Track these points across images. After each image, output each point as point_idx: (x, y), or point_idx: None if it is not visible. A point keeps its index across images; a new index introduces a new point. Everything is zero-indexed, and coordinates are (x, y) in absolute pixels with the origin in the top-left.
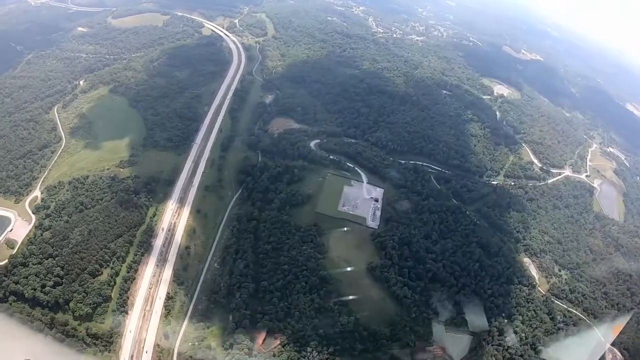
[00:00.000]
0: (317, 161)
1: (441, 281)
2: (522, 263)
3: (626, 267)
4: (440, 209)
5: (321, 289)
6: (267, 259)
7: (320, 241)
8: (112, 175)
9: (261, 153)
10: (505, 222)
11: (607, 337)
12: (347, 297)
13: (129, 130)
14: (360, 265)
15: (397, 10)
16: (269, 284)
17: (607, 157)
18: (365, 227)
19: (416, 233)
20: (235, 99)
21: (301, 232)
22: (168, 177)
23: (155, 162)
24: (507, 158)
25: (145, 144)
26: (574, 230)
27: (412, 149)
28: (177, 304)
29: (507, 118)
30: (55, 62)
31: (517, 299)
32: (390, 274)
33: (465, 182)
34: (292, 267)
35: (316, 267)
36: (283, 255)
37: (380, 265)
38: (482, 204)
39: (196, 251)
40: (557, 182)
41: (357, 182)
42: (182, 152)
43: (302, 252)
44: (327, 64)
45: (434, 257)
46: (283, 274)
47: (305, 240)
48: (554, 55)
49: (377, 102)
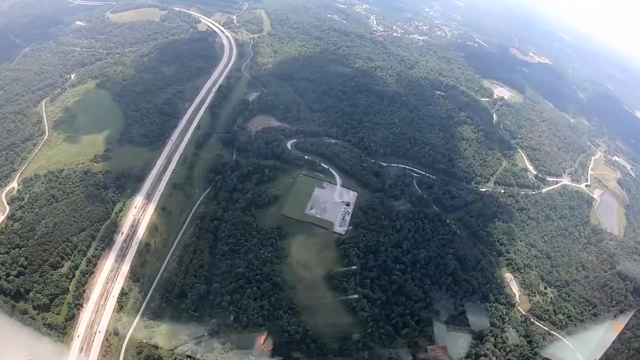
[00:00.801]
0: (291, 161)
1: (407, 295)
2: (503, 279)
3: (621, 287)
4: (417, 215)
5: (273, 295)
6: (223, 260)
7: (280, 245)
8: (85, 170)
9: (236, 151)
10: (489, 232)
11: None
12: (300, 306)
13: (108, 125)
14: (319, 273)
15: (402, 9)
16: (221, 286)
17: (612, 167)
18: (331, 233)
19: (385, 241)
20: (218, 95)
21: (262, 234)
22: (139, 173)
23: (129, 158)
24: (499, 164)
25: (122, 139)
26: (566, 244)
27: (396, 151)
28: (131, 301)
29: (504, 122)
30: (50, 56)
31: (491, 318)
32: (349, 283)
33: (449, 188)
34: (246, 270)
35: (270, 272)
36: (239, 257)
37: (341, 274)
38: (466, 212)
39: (156, 248)
40: (552, 191)
41: (330, 185)
42: (156, 148)
43: (259, 256)
44: (319, 62)
45: (403, 268)
46: (236, 277)
47: (264, 243)
48: (563, 59)
49: (364, 102)
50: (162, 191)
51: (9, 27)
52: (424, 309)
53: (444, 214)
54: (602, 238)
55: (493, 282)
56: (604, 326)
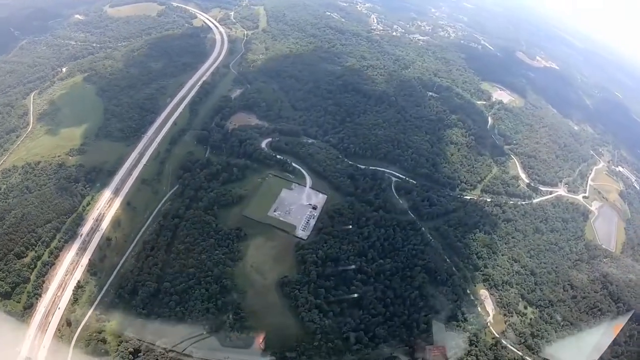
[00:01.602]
0: (261, 160)
1: (365, 308)
2: (477, 295)
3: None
4: (389, 223)
5: (220, 298)
6: (177, 259)
7: (236, 247)
8: (60, 163)
9: (210, 149)
10: (466, 244)
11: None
12: (247, 312)
13: (88, 119)
14: (272, 278)
15: (407, 8)
16: (171, 285)
17: (614, 177)
18: (292, 237)
19: (349, 249)
20: (200, 91)
21: (220, 235)
22: (110, 168)
23: (103, 152)
24: (488, 170)
25: (99, 134)
26: (554, 260)
27: (376, 153)
28: (86, 294)
29: (499, 126)
30: (45, 49)
31: (456, 340)
32: (301, 292)
33: (429, 195)
34: (197, 271)
35: (221, 275)
36: (193, 257)
37: (295, 281)
38: (444, 221)
39: (117, 243)
40: (545, 202)
41: (299, 186)
42: (131, 143)
43: (212, 257)
44: (310, 59)
45: (364, 279)
46: (187, 277)
47: (221, 244)
48: (572, 64)
49: (349, 101)
50: (130, 186)
51: (10, 19)
52: (381, 324)
53: (420, 222)
54: (595, 254)
55: (464, 299)
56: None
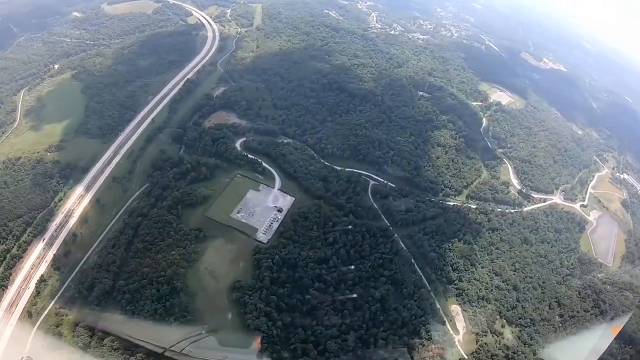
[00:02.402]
0: (232, 160)
1: (319, 318)
2: (448, 311)
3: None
4: (359, 229)
5: (169, 300)
6: (134, 258)
7: (194, 248)
8: (39, 159)
9: (185, 147)
10: (442, 255)
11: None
12: (194, 315)
13: (70, 116)
14: (225, 282)
15: (410, 7)
16: (125, 284)
17: (618, 185)
18: (253, 240)
19: (310, 255)
20: (182, 89)
21: (179, 235)
22: (85, 165)
23: (80, 149)
24: (477, 175)
25: (78, 131)
26: (542, 274)
27: (355, 154)
28: (49, 287)
29: (494, 128)
30: (40, 46)
31: None
32: (251, 298)
33: (407, 200)
34: (151, 270)
35: (173, 276)
36: (149, 257)
37: (247, 286)
38: (420, 229)
39: (82, 239)
40: (536, 210)
41: (267, 188)
42: (108, 140)
43: (167, 257)
44: (299, 57)
45: (323, 287)
46: (141, 276)
47: (179, 245)
48: (582, 68)
49: (333, 100)
50: (101, 184)
51: (11, 16)
52: (334, 337)
53: (393, 228)
54: (589, 269)
55: (431, 314)
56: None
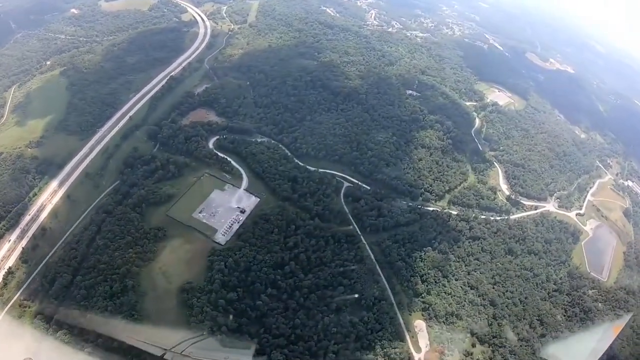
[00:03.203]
0: (201, 159)
1: (267, 326)
2: (411, 327)
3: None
4: (324, 233)
5: (119, 298)
6: (94, 254)
7: (151, 247)
8: (19, 154)
9: (159, 145)
10: (410, 264)
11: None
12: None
13: (52, 113)
14: (177, 283)
15: (414, 5)
16: (82, 279)
17: (620, 193)
18: (211, 241)
19: (266, 259)
20: (165, 87)
21: (139, 233)
22: (61, 161)
23: (58, 145)
24: (462, 179)
25: (58, 127)
26: (525, 289)
27: (331, 154)
28: (15, 280)
29: (487, 130)
30: (36, 42)
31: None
32: (199, 300)
33: (380, 204)
34: (107, 267)
35: (127, 274)
36: (107, 253)
37: (198, 288)
38: (391, 235)
39: (51, 234)
40: (525, 218)
41: (233, 188)
42: (85, 137)
43: (124, 255)
44: (287, 54)
45: (276, 294)
46: (97, 272)
47: (138, 243)
48: (590, 70)
49: (314, 98)
50: (74, 179)
51: (12, 12)
52: (280, 347)
53: (362, 234)
54: (580, 284)
55: (390, 329)
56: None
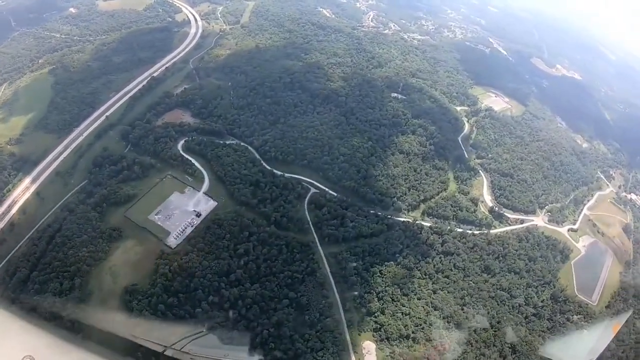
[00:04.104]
0: (167, 160)
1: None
2: (358, 348)
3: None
4: (279, 242)
5: (66, 295)
6: (52, 251)
7: (104, 247)
8: None
9: (131, 145)
10: (366, 279)
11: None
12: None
13: (35, 110)
14: (122, 285)
15: (417, 8)
16: (37, 275)
17: (621, 207)
18: (162, 244)
19: (212, 266)
20: (145, 87)
21: (96, 232)
22: (36, 158)
23: (36, 143)
24: (441, 188)
25: (38, 125)
26: (498, 311)
27: (300, 159)
28: None
29: (477, 136)
30: (32, 41)
31: None
32: (139, 304)
33: (343, 212)
34: (60, 265)
35: (77, 272)
36: (63, 251)
37: (141, 291)
38: (351, 247)
39: (18, 229)
40: (508, 233)
41: (193, 190)
42: (61, 135)
43: (77, 253)
44: (273, 55)
45: (218, 302)
46: (51, 269)
47: (93, 242)
48: (600, 77)
49: (291, 100)
50: (45, 177)
51: (15, 10)
52: None
53: (321, 244)
54: (565, 309)
55: (332, 348)
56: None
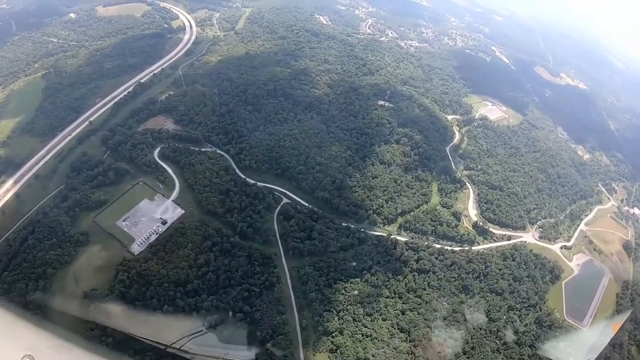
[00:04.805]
0: (141, 166)
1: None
2: None
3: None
4: (242, 253)
5: (31, 296)
6: (22, 252)
7: (71, 251)
8: None
9: (110, 151)
10: (328, 297)
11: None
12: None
13: (23, 114)
14: (82, 289)
15: (420, 16)
16: (7, 275)
17: (623, 222)
18: (126, 250)
19: (170, 275)
20: (131, 93)
21: (65, 236)
22: (20, 161)
23: (21, 146)
24: (423, 201)
25: (25, 129)
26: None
27: (274, 168)
28: None
29: (468, 146)
30: (30, 45)
31: None
32: None
33: (312, 224)
34: (28, 266)
35: (42, 274)
36: (32, 253)
37: (100, 296)
38: (316, 261)
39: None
40: (493, 250)
41: (162, 198)
42: (45, 139)
43: (45, 256)
44: (262, 62)
45: (171, 312)
46: (19, 270)
47: (61, 245)
48: (607, 86)
49: (272, 107)
50: (25, 181)
51: (17, 14)
52: None
53: (286, 257)
54: (549, 335)
55: None
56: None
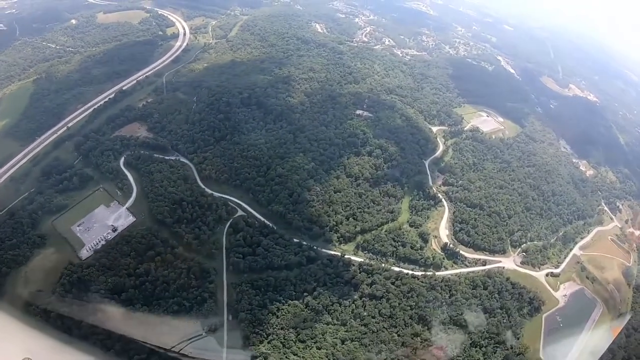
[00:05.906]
0: (104, 173)
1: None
2: None
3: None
4: (182, 265)
5: None
6: None
7: (26, 252)
8: None
9: (82, 156)
10: (260, 319)
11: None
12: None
13: (9, 118)
14: (30, 289)
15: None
16: None
17: (625, 246)
18: (75, 255)
19: (108, 282)
20: (111, 99)
21: (23, 238)
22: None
23: (2, 149)
24: (388, 218)
25: (8, 132)
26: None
27: (233, 179)
28: None
29: (451, 160)
30: (29, 50)
31: None
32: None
33: (259, 239)
34: None
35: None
36: None
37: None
38: (255, 279)
39: None
40: (461, 276)
41: (117, 205)
42: (25, 143)
43: (3, 255)
44: (245, 69)
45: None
46: None
47: (20, 246)
48: (619, 99)
49: (243, 116)
50: (1, 182)
51: (23, 19)
52: None
53: (227, 273)
54: None
55: None
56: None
